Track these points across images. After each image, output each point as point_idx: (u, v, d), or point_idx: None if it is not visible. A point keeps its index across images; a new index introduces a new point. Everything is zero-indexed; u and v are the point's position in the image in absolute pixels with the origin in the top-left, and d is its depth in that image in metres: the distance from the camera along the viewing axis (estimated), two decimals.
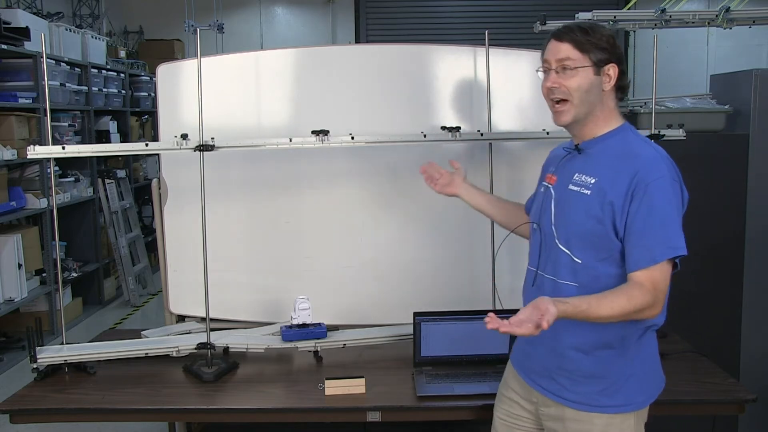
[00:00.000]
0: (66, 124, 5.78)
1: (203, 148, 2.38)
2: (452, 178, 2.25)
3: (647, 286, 1.66)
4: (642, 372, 1.80)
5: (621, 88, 1.80)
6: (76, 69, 5.97)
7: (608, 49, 1.75)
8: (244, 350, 2.52)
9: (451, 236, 2.88)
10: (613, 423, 1.76)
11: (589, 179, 1.75)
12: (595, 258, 1.74)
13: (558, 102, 1.78)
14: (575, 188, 1.77)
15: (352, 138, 2.51)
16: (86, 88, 6.09)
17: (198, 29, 2.39)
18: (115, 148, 3.86)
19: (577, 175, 1.79)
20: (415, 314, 2.43)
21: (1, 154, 4.69)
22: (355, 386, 2.24)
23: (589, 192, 1.74)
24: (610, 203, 1.69)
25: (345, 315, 2.83)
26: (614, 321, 1.67)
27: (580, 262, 1.75)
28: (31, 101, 5.15)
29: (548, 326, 1.53)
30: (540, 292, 1.79)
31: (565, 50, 1.75)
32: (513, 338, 2.05)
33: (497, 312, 1.62)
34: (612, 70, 1.76)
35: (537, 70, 1.84)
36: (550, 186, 1.87)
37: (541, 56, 1.83)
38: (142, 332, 2.70)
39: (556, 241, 1.79)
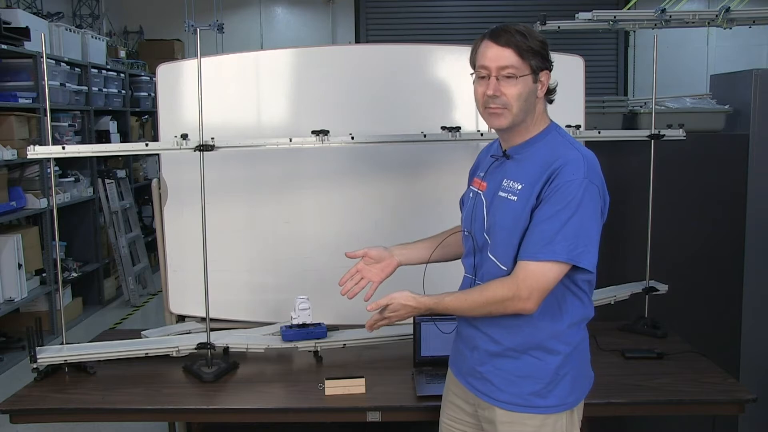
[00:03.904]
0: (66, 124, 5.78)
1: (203, 148, 2.38)
2: (384, 261, 2.04)
3: (515, 278, 1.65)
4: (575, 371, 1.76)
5: (550, 91, 1.76)
6: (76, 69, 5.97)
7: (543, 54, 1.70)
8: (244, 350, 2.52)
9: None
10: (546, 423, 1.73)
11: (517, 185, 1.71)
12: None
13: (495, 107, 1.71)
14: (504, 194, 1.74)
15: (352, 138, 2.51)
16: (86, 88, 6.09)
17: (198, 29, 2.39)
18: (115, 148, 3.86)
19: (506, 181, 1.75)
20: None
21: (1, 154, 4.69)
22: (355, 386, 2.24)
23: (515, 198, 1.70)
24: (531, 207, 1.67)
25: (345, 315, 2.82)
26: (479, 314, 1.71)
27: (505, 269, 1.72)
28: (31, 101, 5.15)
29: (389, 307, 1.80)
30: None
31: (507, 57, 1.66)
32: None
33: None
34: (545, 76, 1.72)
35: (471, 74, 1.75)
36: (480, 192, 1.83)
37: (473, 57, 1.75)
38: (142, 332, 2.70)
39: (488, 249, 1.76)
